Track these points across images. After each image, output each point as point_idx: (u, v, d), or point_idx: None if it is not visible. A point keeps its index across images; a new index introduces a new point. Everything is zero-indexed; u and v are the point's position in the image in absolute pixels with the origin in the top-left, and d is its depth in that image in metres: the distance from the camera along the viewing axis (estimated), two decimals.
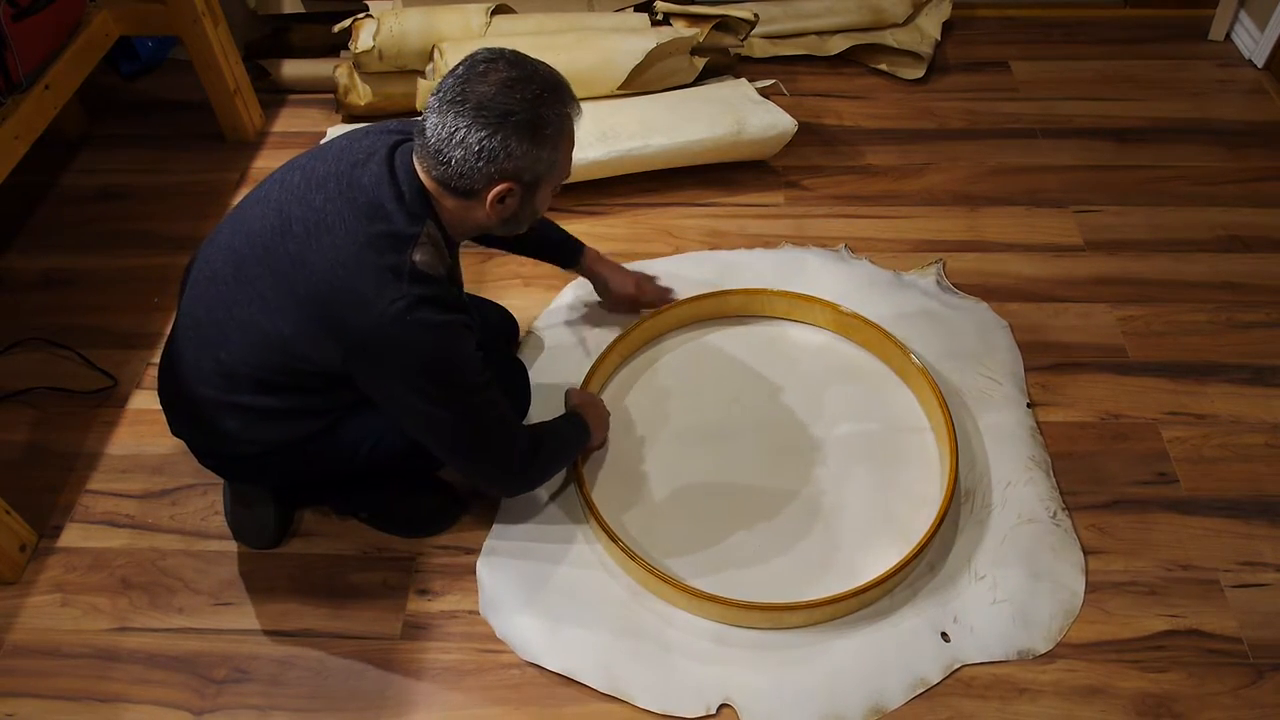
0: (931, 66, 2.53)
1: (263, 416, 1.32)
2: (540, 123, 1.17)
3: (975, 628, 1.42)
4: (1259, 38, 2.50)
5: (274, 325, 1.24)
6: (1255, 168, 2.22)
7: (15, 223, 2.17)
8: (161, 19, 2.14)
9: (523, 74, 1.17)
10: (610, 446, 1.67)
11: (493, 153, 1.16)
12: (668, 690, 1.36)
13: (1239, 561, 1.51)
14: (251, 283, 1.25)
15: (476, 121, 1.15)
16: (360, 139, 1.29)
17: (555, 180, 1.27)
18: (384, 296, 1.17)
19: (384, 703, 1.38)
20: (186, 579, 1.52)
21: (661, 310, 1.81)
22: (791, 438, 1.67)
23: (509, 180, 1.19)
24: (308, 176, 1.26)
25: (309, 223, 1.21)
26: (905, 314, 1.85)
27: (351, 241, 1.19)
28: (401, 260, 1.18)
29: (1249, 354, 1.81)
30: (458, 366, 1.25)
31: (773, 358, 1.80)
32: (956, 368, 1.76)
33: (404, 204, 1.21)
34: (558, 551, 1.52)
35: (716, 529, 1.55)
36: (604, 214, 2.13)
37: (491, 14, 2.29)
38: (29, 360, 1.86)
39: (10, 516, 1.51)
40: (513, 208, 1.25)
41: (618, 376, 1.78)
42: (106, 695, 1.40)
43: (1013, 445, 1.64)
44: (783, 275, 1.93)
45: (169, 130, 2.41)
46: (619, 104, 2.17)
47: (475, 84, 1.16)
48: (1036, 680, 1.38)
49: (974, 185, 2.20)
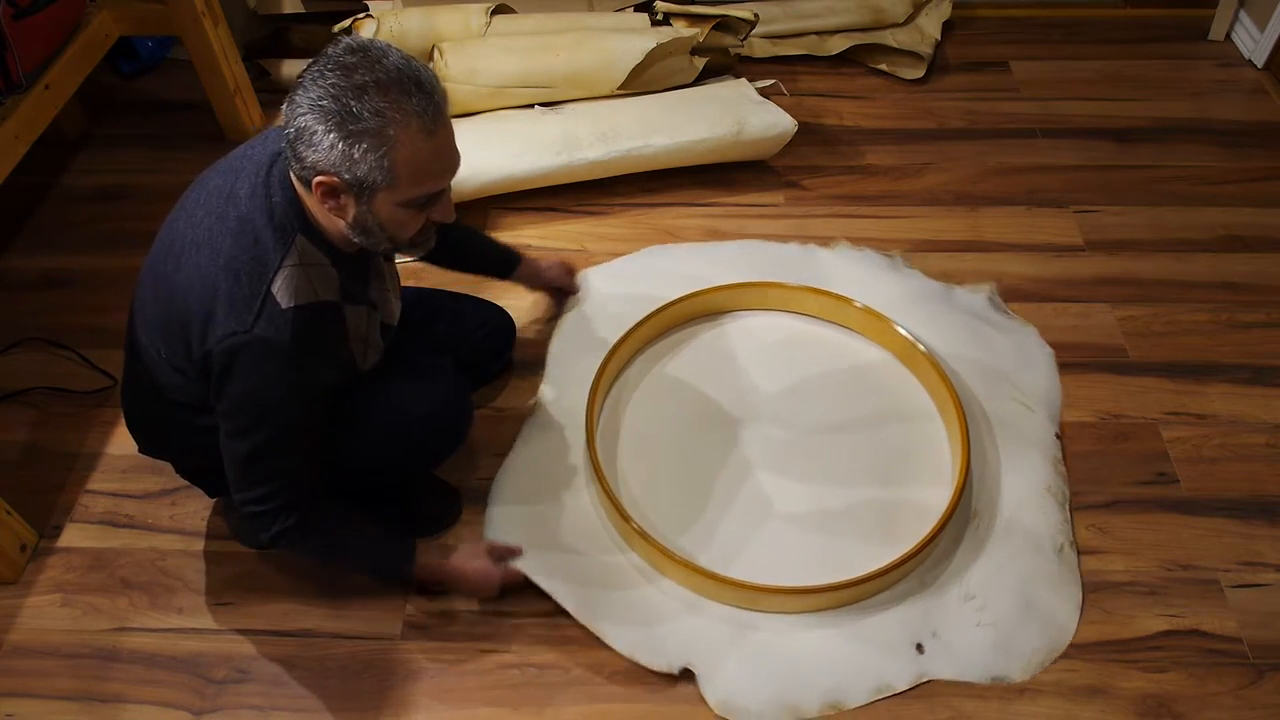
0: (931, 66, 2.53)
1: (206, 431, 1.28)
2: (349, 115, 1.04)
3: (953, 645, 1.41)
4: (1259, 38, 2.50)
5: (160, 352, 1.23)
6: (1255, 168, 2.22)
7: (15, 223, 2.17)
8: (161, 19, 2.14)
9: (357, 61, 1.06)
10: (627, 422, 1.70)
11: (307, 135, 1.06)
12: (638, 640, 1.40)
13: (1239, 561, 1.51)
14: (144, 306, 1.25)
15: (304, 100, 1.06)
16: (254, 144, 1.22)
17: (398, 195, 1.12)
18: (227, 325, 1.12)
19: (384, 703, 1.38)
20: (186, 579, 1.52)
21: (700, 294, 1.84)
22: (808, 433, 1.68)
23: (327, 173, 1.08)
24: (201, 189, 1.21)
25: (186, 241, 1.17)
26: (948, 327, 1.82)
27: (213, 263, 1.14)
28: (257, 291, 1.12)
29: (1249, 354, 1.81)
30: (273, 412, 1.18)
31: (799, 353, 1.81)
32: (989, 388, 1.73)
33: (273, 219, 1.14)
34: (562, 496, 1.59)
35: (714, 504, 1.58)
36: (604, 214, 2.13)
37: (491, 14, 2.29)
38: (29, 360, 1.86)
39: (10, 516, 1.51)
40: (352, 212, 1.13)
41: (657, 348, 1.83)
42: (106, 695, 1.40)
43: (1032, 473, 1.60)
44: (834, 277, 1.91)
45: (169, 130, 2.41)
46: (619, 104, 2.17)
47: (317, 62, 1.07)
48: (1036, 680, 1.38)
49: (974, 185, 2.20)
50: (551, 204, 2.14)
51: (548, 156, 2.04)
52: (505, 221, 2.10)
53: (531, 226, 2.08)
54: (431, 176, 1.14)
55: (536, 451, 1.65)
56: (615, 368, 1.75)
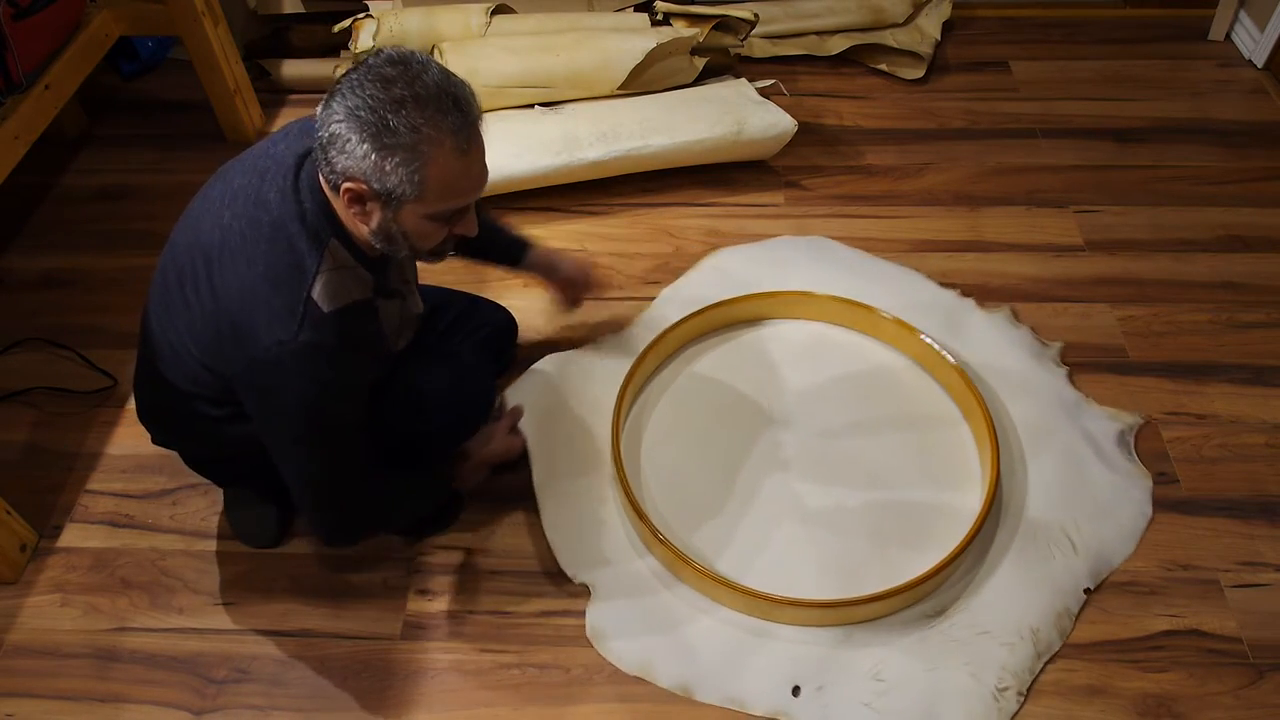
0: (931, 66, 2.53)
1: (225, 422, 1.31)
2: (385, 128, 1.05)
3: (829, 711, 1.34)
4: (1259, 38, 2.50)
5: (190, 350, 1.24)
6: (1255, 168, 2.22)
7: (15, 223, 2.17)
8: (161, 19, 2.14)
9: (397, 74, 1.06)
10: (667, 412, 1.72)
11: (341, 142, 1.07)
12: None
13: (1239, 561, 1.51)
14: (171, 306, 1.25)
15: (338, 105, 1.07)
16: (277, 142, 1.22)
17: (425, 208, 1.13)
18: (271, 334, 1.13)
19: (384, 703, 1.38)
20: (186, 579, 1.53)
21: (755, 298, 1.84)
22: (840, 463, 1.64)
23: (357, 180, 1.09)
24: (226, 187, 1.21)
25: (218, 244, 1.17)
26: (1053, 440, 1.64)
27: (251, 270, 1.14)
28: (298, 298, 1.13)
29: (1249, 354, 1.81)
30: (326, 417, 1.19)
31: (860, 376, 1.78)
32: (1050, 508, 1.56)
33: (306, 224, 1.15)
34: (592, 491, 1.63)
35: (734, 504, 1.59)
36: (604, 214, 2.13)
37: (491, 14, 2.29)
38: (29, 360, 1.86)
39: (10, 516, 1.51)
40: (377, 219, 1.13)
41: (701, 345, 1.84)
42: (106, 695, 1.40)
43: (1027, 607, 1.44)
44: (973, 343, 1.80)
45: (169, 130, 2.41)
46: (619, 104, 2.17)
47: (356, 71, 1.08)
48: (1037, 680, 1.38)
49: (974, 185, 2.20)
50: (551, 204, 2.14)
51: (548, 156, 2.04)
52: (505, 222, 2.10)
53: (531, 226, 2.08)
54: (460, 193, 1.15)
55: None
56: (647, 368, 1.76)
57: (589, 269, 1.73)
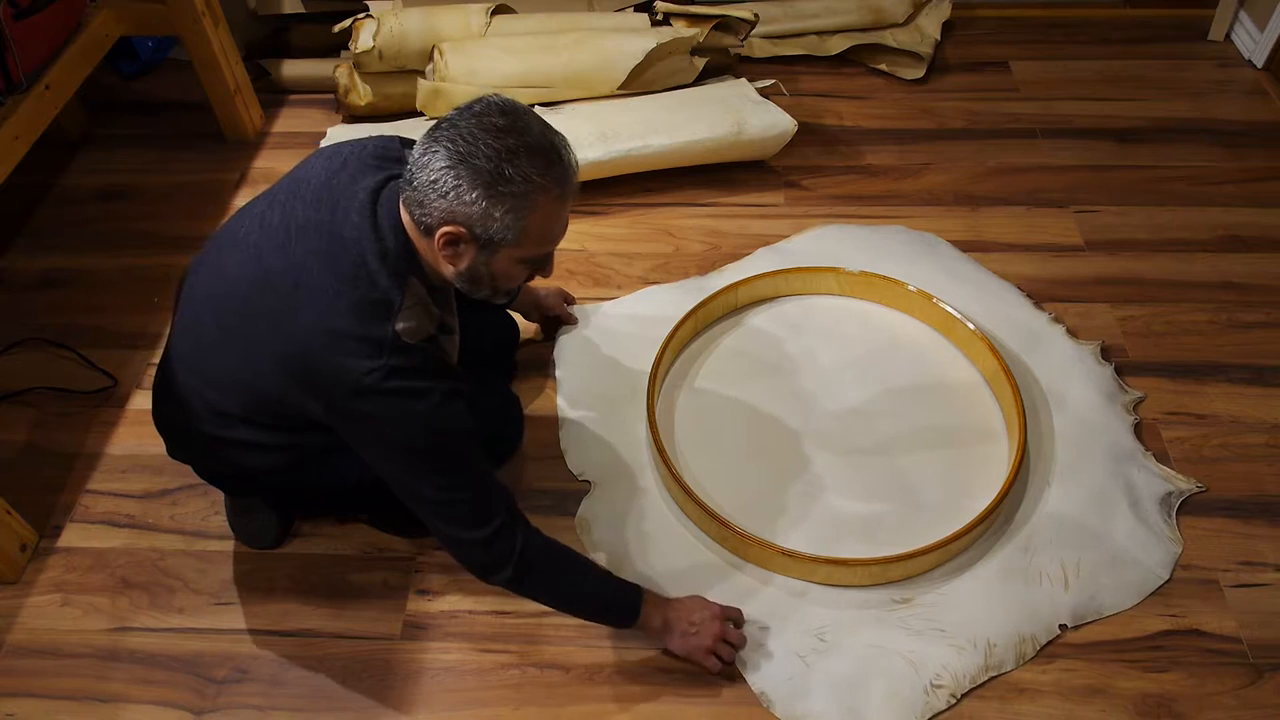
0: (931, 66, 2.53)
1: (257, 449, 1.31)
2: (500, 177, 1.09)
3: (764, 645, 1.40)
4: (1259, 38, 2.50)
5: (256, 379, 1.23)
6: (1255, 168, 2.22)
7: (15, 223, 2.17)
8: (161, 19, 2.14)
9: (508, 124, 1.10)
10: (694, 382, 1.78)
11: (446, 187, 1.10)
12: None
13: (1239, 561, 1.51)
14: (232, 333, 1.23)
15: (444, 151, 1.10)
16: (341, 170, 1.23)
17: (521, 252, 1.17)
18: (362, 366, 1.13)
19: (384, 703, 1.38)
20: (186, 579, 1.53)
21: (812, 271, 1.90)
22: (871, 452, 1.66)
23: (459, 225, 1.12)
24: (287, 219, 1.20)
25: (289, 280, 1.17)
26: (1084, 470, 1.60)
27: (333, 308, 1.15)
28: (384, 331, 1.14)
29: (1249, 354, 1.81)
30: (439, 434, 1.19)
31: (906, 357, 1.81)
32: (1058, 539, 1.52)
33: (386, 262, 1.16)
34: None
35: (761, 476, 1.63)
36: (604, 214, 2.14)
37: (492, 14, 2.29)
38: (29, 360, 1.86)
39: (10, 516, 1.51)
40: (468, 261, 1.16)
41: (745, 315, 1.90)
42: (106, 695, 1.40)
43: (991, 620, 1.43)
44: (1045, 366, 1.77)
45: (169, 130, 2.41)
46: (619, 104, 2.17)
47: (462, 119, 1.11)
48: (1036, 680, 1.38)
49: (974, 185, 2.20)
50: None
51: None
52: None
53: None
54: (553, 239, 1.21)
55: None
56: (678, 344, 1.80)
57: (564, 293, 1.86)
